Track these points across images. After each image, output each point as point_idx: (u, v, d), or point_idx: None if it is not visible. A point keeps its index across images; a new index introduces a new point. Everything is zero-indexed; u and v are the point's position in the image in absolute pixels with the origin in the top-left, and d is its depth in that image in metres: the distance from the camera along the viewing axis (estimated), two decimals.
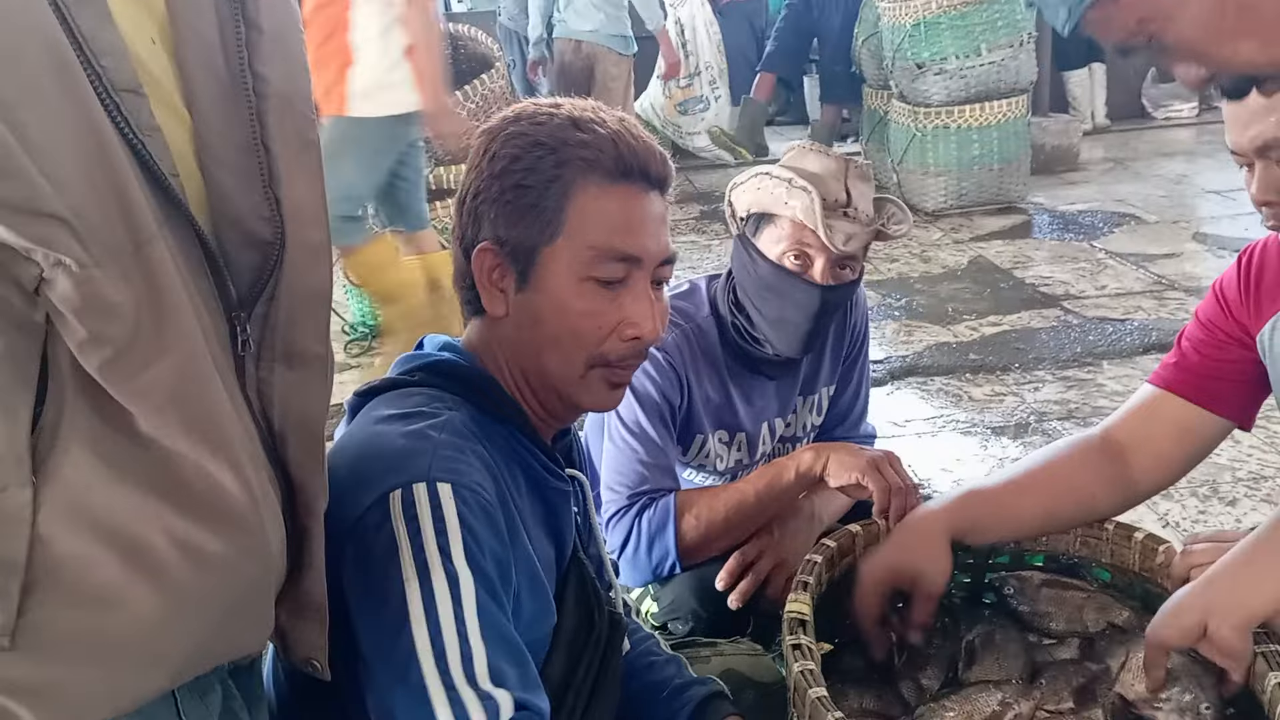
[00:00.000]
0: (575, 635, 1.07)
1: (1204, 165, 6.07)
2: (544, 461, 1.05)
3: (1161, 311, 3.81)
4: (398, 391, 1.02)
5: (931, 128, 5.26)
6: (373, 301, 3.73)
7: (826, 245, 1.51)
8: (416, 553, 0.87)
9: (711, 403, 1.67)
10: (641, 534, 1.58)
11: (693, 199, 6.07)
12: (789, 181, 1.53)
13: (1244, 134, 1.12)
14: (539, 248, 0.99)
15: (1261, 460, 2.66)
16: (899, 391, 3.30)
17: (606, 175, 0.99)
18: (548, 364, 1.02)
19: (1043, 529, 1.38)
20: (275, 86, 0.70)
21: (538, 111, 1.02)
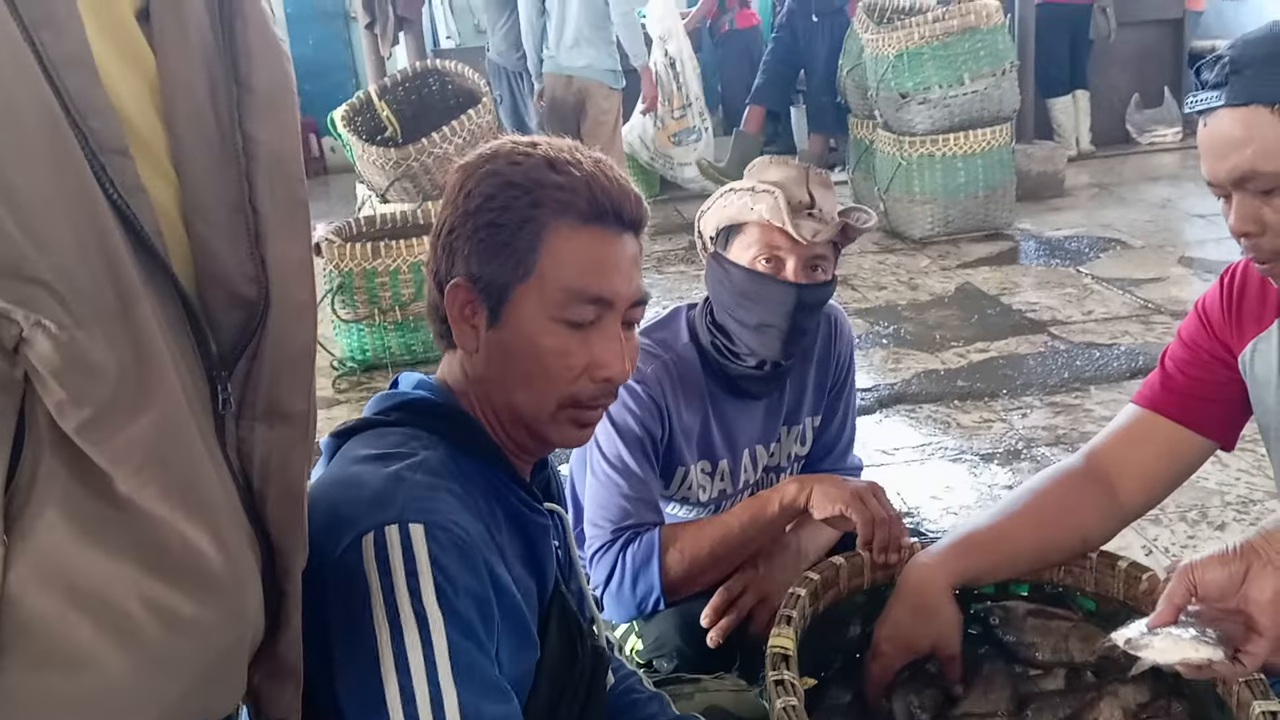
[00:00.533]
0: (559, 668, 1.07)
1: (1189, 189, 6.11)
2: (522, 496, 1.05)
3: (1148, 336, 3.82)
4: (374, 431, 1.02)
5: (917, 156, 5.30)
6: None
7: (795, 240, 1.53)
8: (387, 596, 0.87)
9: (693, 432, 1.67)
10: (626, 569, 1.57)
11: (681, 230, 6.10)
12: (751, 189, 1.57)
13: (1220, 166, 1.11)
14: (511, 286, 0.99)
15: (1250, 484, 2.66)
16: (887, 419, 3.30)
17: (579, 217, 0.99)
18: (518, 401, 1.02)
19: (1037, 566, 1.37)
20: (266, 146, 0.70)
21: (514, 150, 1.02)
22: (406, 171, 4.31)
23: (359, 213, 4.71)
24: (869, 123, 5.87)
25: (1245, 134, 1.07)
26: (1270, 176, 1.07)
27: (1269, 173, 1.07)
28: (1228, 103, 1.08)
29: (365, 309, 3.92)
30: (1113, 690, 1.24)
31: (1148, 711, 1.21)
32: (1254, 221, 1.11)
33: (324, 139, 9.29)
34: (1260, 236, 1.12)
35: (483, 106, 4.47)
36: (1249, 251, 1.16)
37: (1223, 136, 1.09)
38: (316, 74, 9.63)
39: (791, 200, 1.54)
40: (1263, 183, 1.08)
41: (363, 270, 3.88)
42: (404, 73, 4.95)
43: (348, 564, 0.88)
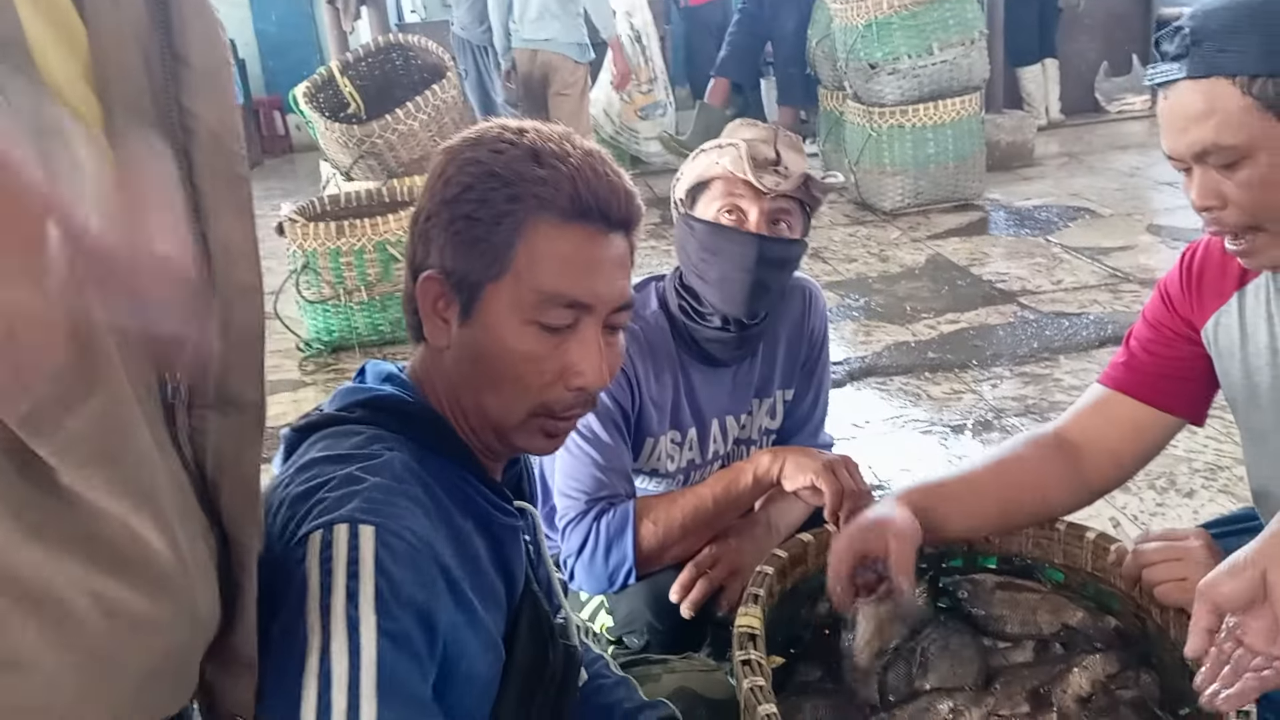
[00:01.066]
0: (529, 672, 1.03)
1: (1157, 157, 6.12)
2: (490, 498, 1.01)
3: (1117, 305, 3.84)
4: (337, 429, 0.97)
5: (887, 127, 5.28)
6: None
7: (759, 191, 1.52)
8: (324, 596, 0.82)
9: (662, 401, 1.65)
10: (599, 539, 1.56)
11: (650, 205, 6.06)
12: (719, 146, 1.57)
13: (1181, 139, 1.08)
14: (484, 283, 0.94)
15: (1218, 451, 2.67)
16: (858, 392, 3.30)
17: (561, 214, 0.94)
18: (487, 404, 0.98)
19: (998, 524, 1.36)
20: (204, 121, 0.68)
21: (499, 138, 0.96)
22: (370, 149, 4.24)
23: (323, 191, 4.64)
24: (839, 94, 5.84)
25: (1206, 106, 1.04)
26: (1231, 150, 1.05)
27: (1230, 146, 1.05)
28: (1188, 75, 1.05)
29: (331, 289, 3.87)
30: (1081, 661, 1.23)
31: (1117, 682, 1.21)
32: (1215, 196, 1.09)
33: (289, 116, 9.17)
34: (1222, 210, 1.10)
35: (448, 82, 4.41)
36: (1211, 225, 1.13)
37: (1183, 110, 1.07)
38: (280, 50, 9.48)
39: (756, 156, 1.54)
40: (1224, 156, 1.06)
41: (327, 250, 3.82)
42: (367, 47, 4.87)
43: (292, 560, 0.84)
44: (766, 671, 1.10)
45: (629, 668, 1.36)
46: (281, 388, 3.77)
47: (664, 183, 6.61)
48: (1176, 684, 1.18)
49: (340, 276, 3.86)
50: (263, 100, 9.37)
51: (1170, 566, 1.15)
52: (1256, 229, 1.10)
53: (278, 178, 8.46)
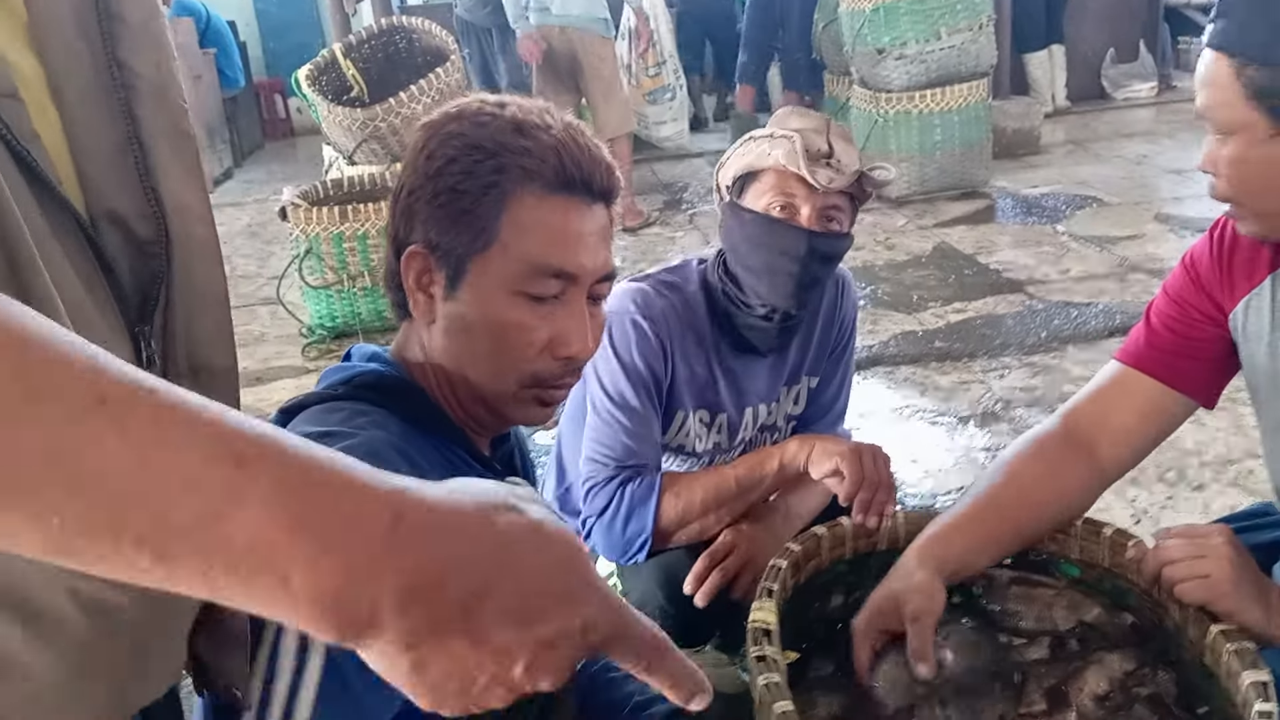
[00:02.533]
0: None
1: (1164, 145, 6.11)
2: (481, 473, 0.99)
3: (1125, 294, 3.81)
4: (321, 407, 0.96)
5: (893, 113, 5.25)
6: None
7: (812, 187, 1.50)
8: None
9: (695, 379, 1.65)
10: (623, 503, 1.56)
11: (655, 189, 6.03)
12: (770, 136, 1.54)
13: (1196, 98, 1.13)
14: (470, 256, 0.94)
15: (1228, 444, 2.65)
16: (865, 381, 3.28)
17: (546, 185, 0.94)
18: (476, 377, 0.97)
19: (1024, 545, 1.34)
20: (145, 77, 0.67)
21: (480, 110, 0.96)
22: (374, 132, 4.21)
23: (326, 175, 4.61)
24: (845, 79, 5.81)
25: (1209, 76, 1.09)
26: (1219, 122, 1.10)
27: (1218, 118, 1.10)
28: (1207, 43, 1.10)
29: (334, 275, 3.85)
30: (1098, 659, 1.22)
31: (1134, 680, 1.19)
32: (1212, 162, 1.14)
33: (290, 100, 9.13)
34: (1216, 177, 1.15)
35: (451, 64, 4.37)
36: (1210, 189, 1.17)
37: (1198, 73, 1.12)
38: (281, 32, 9.44)
39: (810, 148, 1.51)
40: (1215, 126, 1.11)
41: (330, 235, 3.80)
42: (369, 30, 4.83)
43: None
44: (781, 667, 1.09)
45: None
46: (285, 374, 3.75)
47: (671, 169, 6.58)
48: (1194, 682, 1.17)
49: (343, 262, 3.84)
50: (264, 83, 9.33)
51: (1192, 564, 1.13)
52: (1236, 203, 1.15)
53: (279, 161, 8.42)
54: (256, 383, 3.68)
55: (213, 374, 0.72)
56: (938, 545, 1.26)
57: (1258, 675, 1.03)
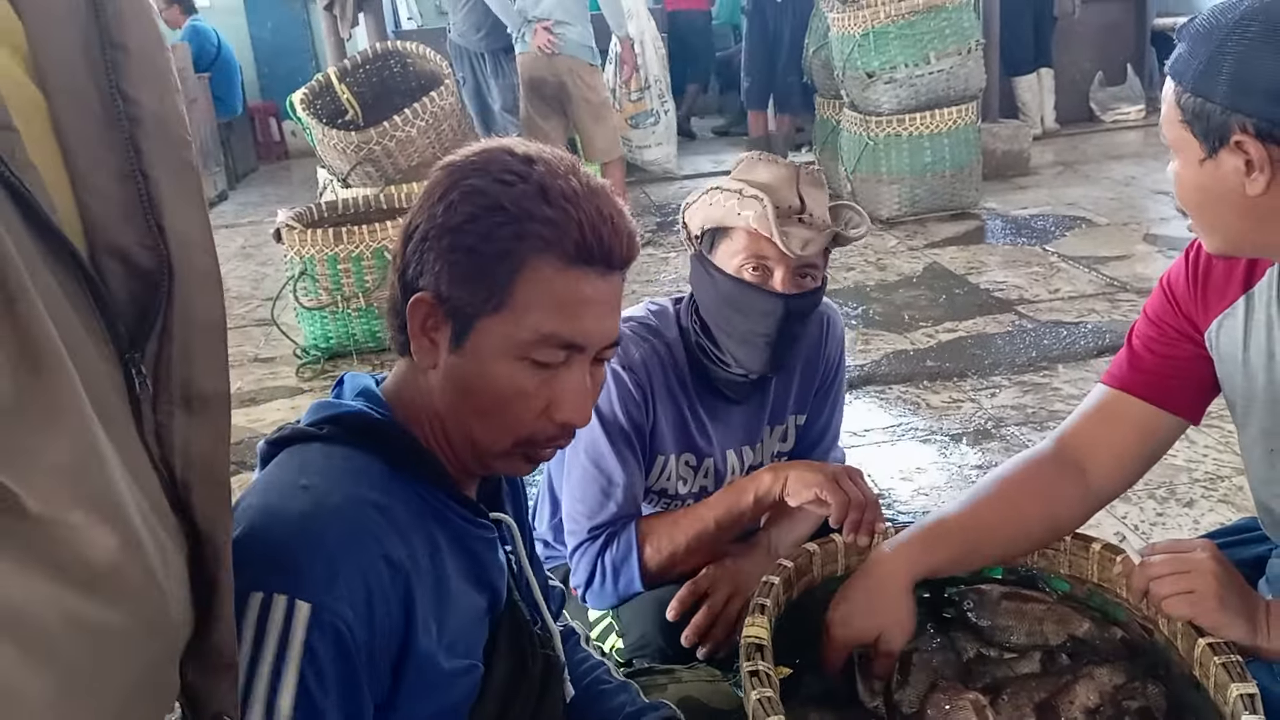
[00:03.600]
0: (507, 682, 1.03)
1: (1152, 166, 6.16)
2: (464, 514, 1.00)
3: (1115, 314, 3.84)
4: (307, 446, 0.95)
5: (883, 136, 5.30)
6: None
7: (784, 253, 1.46)
8: (250, 666, 0.83)
9: (676, 423, 1.63)
10: (606, 570, 1.56)
11: (648, 211, 6.07)
12: (739, 193, 1.48)
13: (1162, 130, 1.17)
14: (479, 316, 0.93)
15: (1217, 460, 2.67)
16: (857, 401, 3.29)
17: (565, 258, 0.92)
18: (471, 431, 0.97)
19: (1007, 556, 1.36)
20: (148, 109, 0.66)
21: (508, 167, 0.93)
22: (368, 155, 4.24)
23: (320, 198, 4.64)
24: (835, 103, 5.86)
25: (1164, 95, 1.14)
26: (1167, 141, 1.14)
27: (1166, 137, 1.14)
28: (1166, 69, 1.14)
29: (328, 296, 3.86)
30: (1088, 673, 1.23)
31: (1124, 693, 1.20)
32: (1171, 175, 1.17)
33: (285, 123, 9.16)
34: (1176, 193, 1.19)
35: (445, 89, 4.41)
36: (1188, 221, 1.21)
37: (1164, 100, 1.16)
38: (276, 56, 9.48)
39: (780, 205, 1.47)
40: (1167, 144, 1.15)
41: (325, 257, 3.81)
42: (364, 54, 4.87)
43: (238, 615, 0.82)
44: (774, 683, 1.09)
45: (633, 677, 1.35)
46: (279, 394, 3.76)
47: (661, 190, 6.62)
48: (1183, 695, 1.18)
49: (338, 283, 3.85)
50: (258, 106, 9.36)
51: (1177, 579, 1.14)
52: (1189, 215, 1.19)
53: (273, 184, 8.45)
54: (250, 404, 3.68)
55: (205, 401, 0.71)
56: (920, 549, 1.28)
57: (1245, 688, 1.04)
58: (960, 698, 1.20)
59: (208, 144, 7.52)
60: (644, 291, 4.40)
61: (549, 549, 1.76)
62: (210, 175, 7.46)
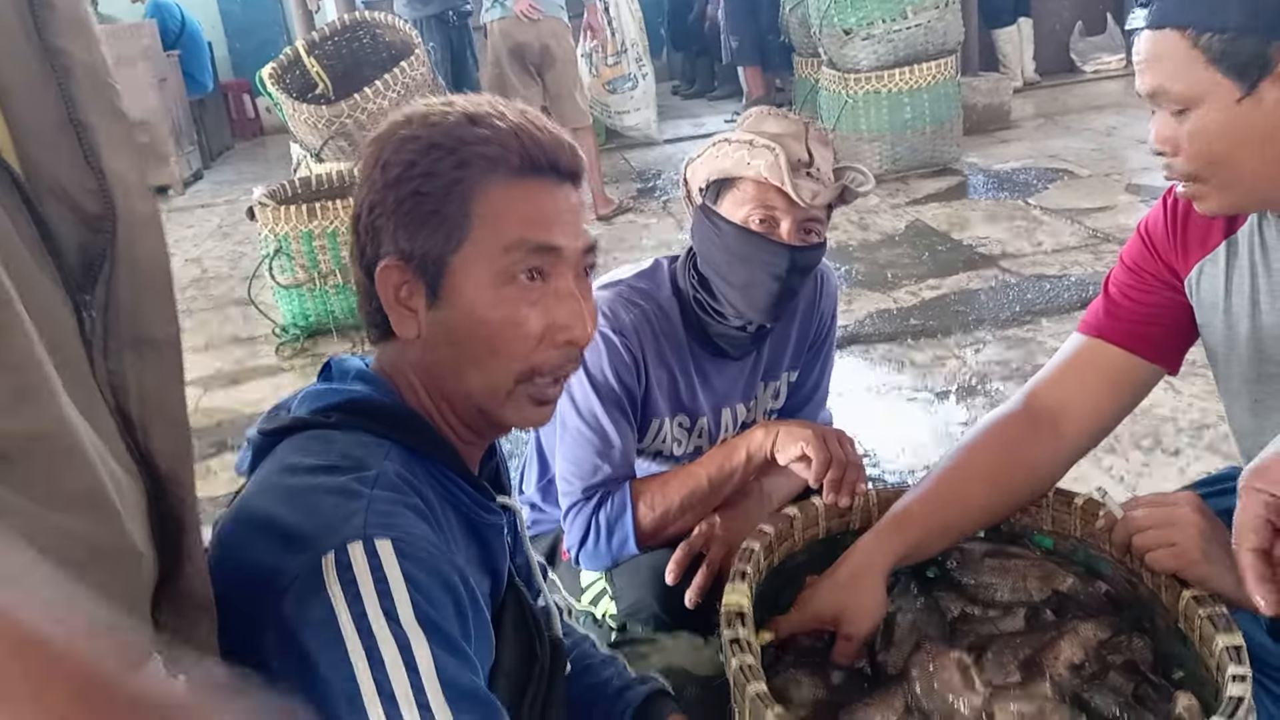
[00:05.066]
0: (517, 668, 1.00)
1: (1134, 116, 6.13)
2: (474, 496, 0.97)
3: (1098, 265, 3.83)
4: (316, 434, 0.91)
5: (862, 93, 5.24)
6: None
7: (793, 201, 1.46)
8: (359, 620, 0.77)
9: (670, 386, 1.62)
10: (600, 528, 1.55)
11: (628, 177, 6.01)
12: (749, 143, 1.48)
13: (1141, 81, 1.12)
14: (445, 257, 0.90)
15: (1203, 409, 2.67)
16: (841, 361, 3.28)
17: (512, 172, 0.90)
18: (471, 384, 0.94)
19: (988, 524, 1.34)
20: (79, 59, 0.68)
21: (429, 112, 0.93)
22: (340, 129, 4.18)
23: (294, 174, 4.57)
24: (814, 61, 5.80)
25: (1158, 53, 1.09)
26: (1178, 97, 1.08)
27: (1176, 92, 1.08)
28: (1148, 25, 1.09)
29: (305, 274, 3.82)
30: (1073, 628, 1.21)
31: (1109, 648, 1.19)
32: (1167, 140, 1.12)
33: (259, 99, 9.05)
34: (1174, 156, 1.13)
35: (416, 59, 4.34)
36: (1165, 170, 1.16)
37: (1142, 54, 1.11)
38: (246, 31, 9.35)
39: (791, 158, 1.46)
40: (1172, 102, 1.10)
41: (299, 234, 3.77)
42: (332, 26, 4.78)
43: (305, 590, 0.79)
44: (755, 649, 1.08)
45: (617, 647, 1.34)
46: (259, 374, 3.72)
47: (643, 155, 6.56)
48: (1169, 648, 1.17)
49: (314, 260, 3.80)
50: (231, 83, 9.24)
51: (1160, 532, 1.13)
52: (1197, 179, 1.13)
53: (248, 161, 8.35)
54: (231, 384, 3.65)
55: (155, 344, 0.72)
56: (893, 532, 1.25)
57: (1231, 639, 1.03)
58: (944, 658, 1.18)
59: (181, 123, 7.41)
60: (626, 258, 4.36)
61: (536, 511, 1.76)
62: (184, 154, 7.36)
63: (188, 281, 4.98)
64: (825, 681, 1.22)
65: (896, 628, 1.26)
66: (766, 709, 0.98)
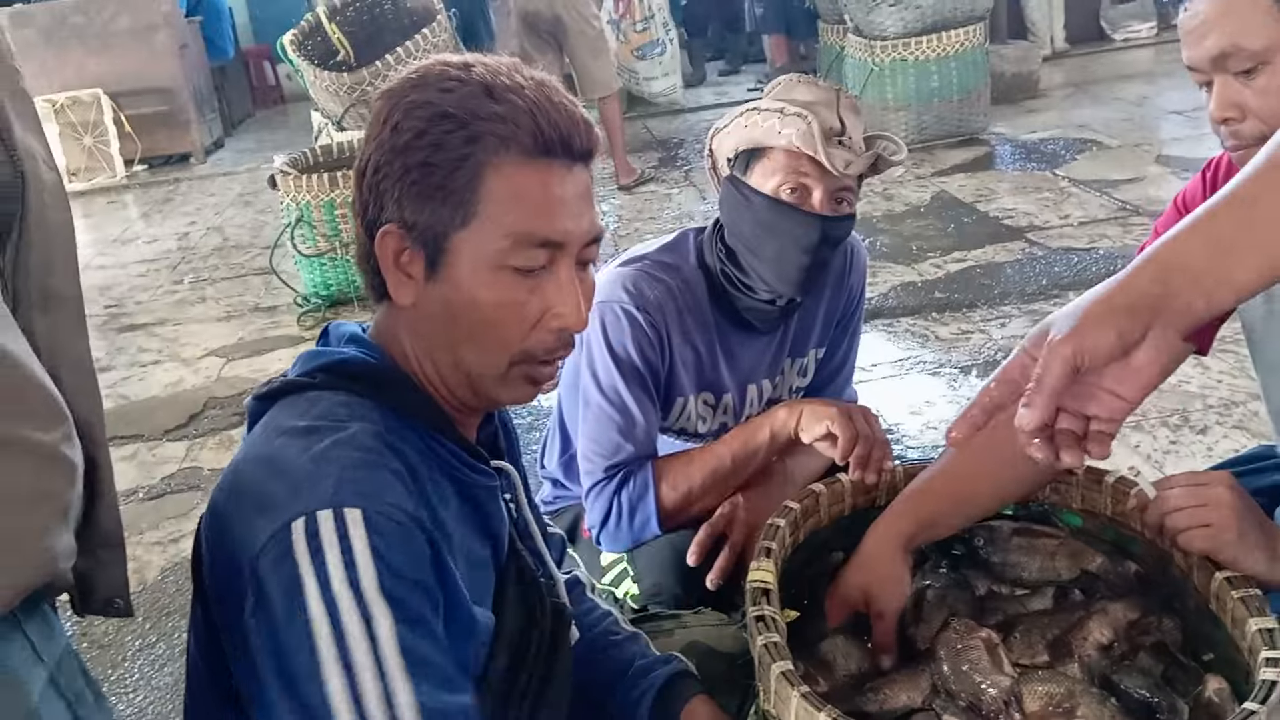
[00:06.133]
0: (519, 634, 1.00)
1: (1164, 86, 6.02)
2: (467, 460, 0.97)
3: (1127, 239, 3.77)
4: (301, 396, 0.92)
5: (889, 61, 5.17)
6: None
7: (827, 169, 1.44)
8: (324, 589, 0.78)
9: (695, 363, 1.60)
10: (623, 509, 1.54)
11: (650, 146, 5.97)
12: (780, 112, 1.46)
13: (1200, 47, 1.08)
14: (448, 234, 0.89)
15: (1232, 386, 2.63)
16: (866, 335, 3.23)
17: (524, 152, 0.88)
18: (465, 360, 0.93)
19: (1003, 504, 1.32)
20: None
21: (445, 74, 0.90)
22: (362, 96, 4.16)
23: (316, 142, 4.56)
24: (839, 28, 5.72)
25: (1225, 10, 1.05)
26: (1250, 55, 1.05)
27: (1249, 50, 1.05)
28: None
29: (326, 243, 3.81)
30: (1102, 608, 1.20)
31: (1138, 629, 1.18)
32: (1234, 107, 1.08)
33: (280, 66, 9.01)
34: (1241, 122, 1.09)
35: (438, 25, 4.31)
36: (1229, 139, 1.12)
37: (1202, 16, 1.07)
38: None
39: (823, 126, 1.44)
40: (1242, 61, 1.06)
41: (321, 203, 3.76)
42: None
43: (274, 554, 0.79)
44: (781, 627, 1.08)
45: (639, 624, 1.34)
46: (281, 344, 3.73)
47: (666, 124, 6.51)
48: (1200, 629, 1.15)
49: (336, 229, 3.80)
50: (251, 50, 9.21)
51: (1194, 513, 1.11)
52: None
53: (269, 129, 8.35)
54: (254, 354, 3.66)
55: (61, 302, 0.79)
56: (906, 509, 1.24)
57: (1264, 622, 1.02)
58: (972, 636, 1.17)
59: (202, 90, 7.40)
60: (647, 229, 4.34)
61: (558, 488, 1.75)
62: (205, 122, 7.36)
63: (209, 250, 4.99)
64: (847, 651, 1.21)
65: (925, 603, 1.26)
66: (792, 688, 0.97)
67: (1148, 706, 1.05)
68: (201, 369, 3.59)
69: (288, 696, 0.78)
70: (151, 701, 2.03)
